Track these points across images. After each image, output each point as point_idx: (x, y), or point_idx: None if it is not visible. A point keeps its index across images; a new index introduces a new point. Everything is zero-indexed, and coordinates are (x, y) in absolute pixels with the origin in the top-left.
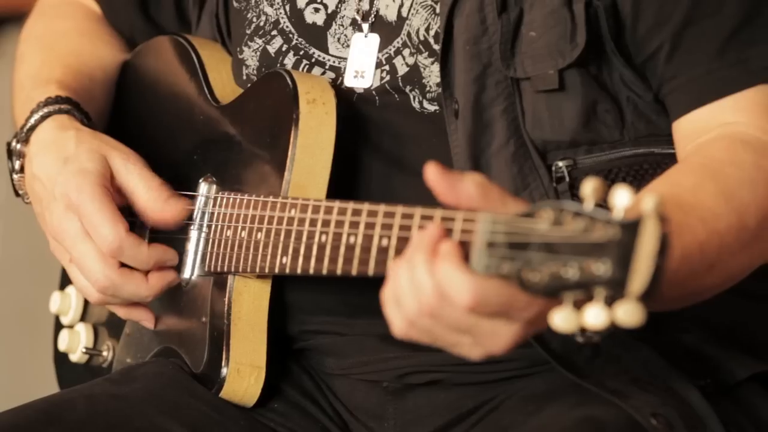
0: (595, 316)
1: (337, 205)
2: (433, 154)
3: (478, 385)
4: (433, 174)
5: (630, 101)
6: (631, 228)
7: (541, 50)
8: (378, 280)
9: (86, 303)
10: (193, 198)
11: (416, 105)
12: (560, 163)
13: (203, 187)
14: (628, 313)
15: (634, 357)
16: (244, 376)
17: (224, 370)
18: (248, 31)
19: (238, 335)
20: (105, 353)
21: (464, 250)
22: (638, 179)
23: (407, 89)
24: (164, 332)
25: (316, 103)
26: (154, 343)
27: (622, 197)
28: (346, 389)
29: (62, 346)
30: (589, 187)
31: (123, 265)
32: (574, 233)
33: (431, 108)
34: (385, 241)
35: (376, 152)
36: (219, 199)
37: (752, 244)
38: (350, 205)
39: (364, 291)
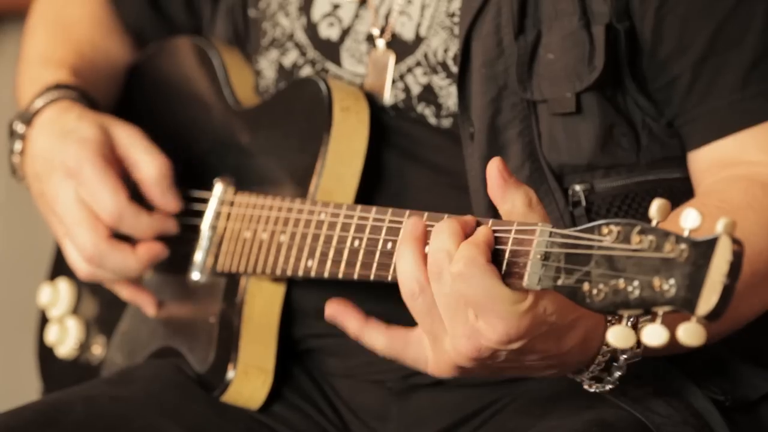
0: (654, 334)
1: (374, 211)
2: (447, 159)
3: (482, 386)
4: (495, 167)
5: (645, 125)
6: (703, 247)
7: (559, 73)
8: (385, 285)
9: (78, 296)
10: (207, 197)
11: (432, 121)
12: (577, 187)
13: (218, 187)
14: (690, 334)
15: (654, 370)
16: (251, 378)
17: (231, 372)
18: (264, 42)
19: (248, 337)
20: (96, 351)
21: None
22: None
23: (422, 107)
24: (166, 331)
25: (350, 112)
26: (153, 341)
27: (691, 218)
28: (349, 390)
29: (50, 339)
30: (654, 206)
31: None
32: (640, 249)
33: (447, 124)
34: (428, 248)
35: (391, 148)
36: (237, 199)
37: (764, 288)
38: (389, 212)
39: (370, 295)
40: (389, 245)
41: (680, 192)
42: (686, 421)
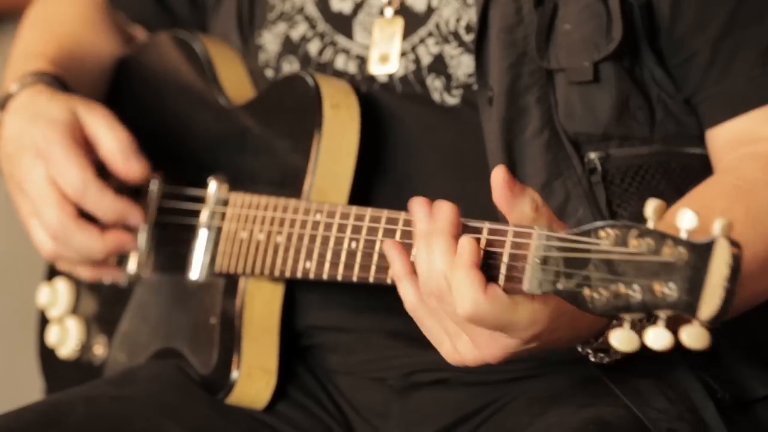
0: (658, 338)
1: (369, 213)
2: (454, 145)
3: (484, 385)
4: (499, 177)
5: (660, 100)
6: (701, 249)
7: (576, 43)
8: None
9: (77, 296)
10: (202, 196)
11: (437, 97)
12: (592, 155)
13: (213, 186)
14: (693, 337)
15: (656, 359)
16: (255, 379)
17: (235, 373)
18: (271, 16)
19: (249, 338)
20: (98, 351)
21: (485, 258)
22: (666, 178)
23: (431, 79)
24: (167, 331)
25: (340, 108)
26: (154, 342)
27: (688, 219)
28: (351, 387)
29: (51, 340)
30: (650, 207)
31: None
32: (639, 252)
33: (452, 101)
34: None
35: (394, 139)
36: (232, 199)
37: None
38: (384, 214)
39: (372, 287)
40: None
41: (695, 168)
42: (681, 416)
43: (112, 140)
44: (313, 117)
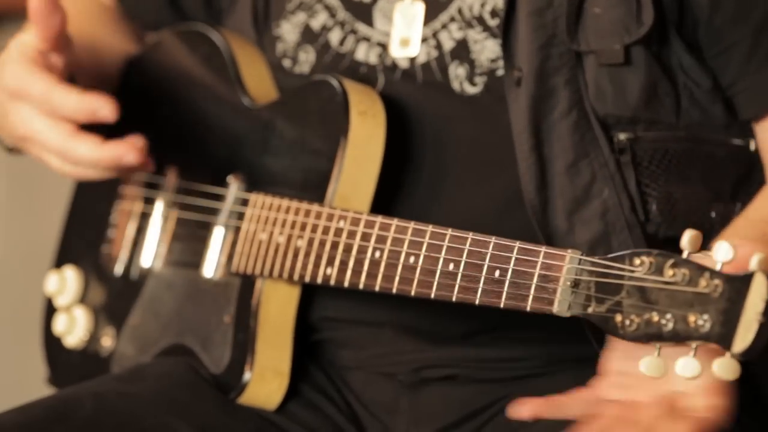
0: (687, 367)
1: (395, 223)
2: (474, 136)
3: (492, 382)
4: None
5: (686, 87)
6: (737, 283)
7: (606, 26)
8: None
9: (85, 285)
10: (220, 194)
11: (456, 86)
12: (621, 136)
13: (232, 185)
14: (725, 369)
15: None
16: (267, 381)
17: (247, 374)
18: (290, 6)
19: (264, 339)
20: (105, 343)
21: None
22: (691, 164)
23: (453, 67)
24: (179, 328)
25: (367, 115)
26: (164, 337)
27: (722, 251)
28: (360, 382)
29: (59, 329)
30: (686, 237)
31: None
32: (674, 281)
33: (472, 91)
34: (452, 266)
35: (414, 131)
36: (252, 199)
37: None
38: (411, 225)
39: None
40: (411, 259)
41: (719, 157)
42: None
43: (34, 32)
44: (340, 123)
